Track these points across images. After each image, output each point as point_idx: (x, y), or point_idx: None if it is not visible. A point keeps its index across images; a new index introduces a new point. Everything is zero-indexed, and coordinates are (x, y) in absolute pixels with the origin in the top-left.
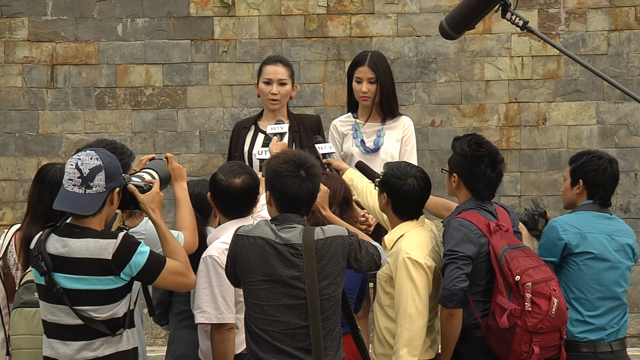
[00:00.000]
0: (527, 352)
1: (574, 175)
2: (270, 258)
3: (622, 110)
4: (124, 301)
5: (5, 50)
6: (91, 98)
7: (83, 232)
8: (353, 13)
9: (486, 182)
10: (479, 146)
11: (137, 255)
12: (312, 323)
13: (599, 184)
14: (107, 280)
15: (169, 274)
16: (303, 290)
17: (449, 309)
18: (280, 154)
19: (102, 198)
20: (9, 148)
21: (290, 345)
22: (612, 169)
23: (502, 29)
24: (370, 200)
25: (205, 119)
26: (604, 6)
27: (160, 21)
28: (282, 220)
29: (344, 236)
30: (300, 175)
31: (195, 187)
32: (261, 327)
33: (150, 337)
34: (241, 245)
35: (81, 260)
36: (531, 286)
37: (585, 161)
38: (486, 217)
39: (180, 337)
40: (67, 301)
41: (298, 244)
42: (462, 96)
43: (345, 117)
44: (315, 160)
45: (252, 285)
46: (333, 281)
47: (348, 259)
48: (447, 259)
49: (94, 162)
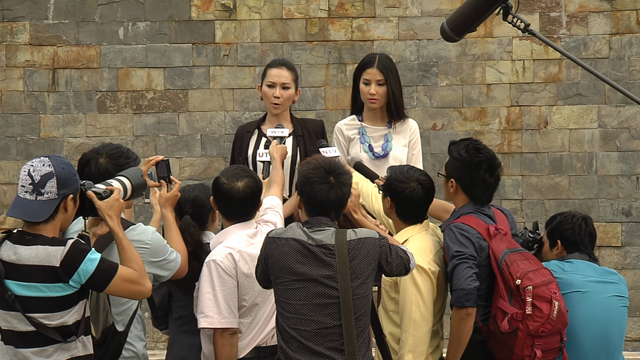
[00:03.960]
0: (530, 355)
1: (551, 237)
2: (304, 258)
3: (623, 113)
4: (76, 309)
5: (7, 54)
6: (92, 102)
7: (34, 239)
8: (354, 17)
9: (485, 187)
10: (477, 152)
11: (86, 262)
12: (345, 321)
13: (578, 241)
14: (56, 288)
15: (121, 282)
16: (336, 289)
17: (466, 308)
18: (311, 159)
19: (53, 205)
20: (11, 152)
21: (321, 345)
22: (587, 225)
23: (504, 32)
24: (375, 204)
25: (206, 122)
26: (606, 10)
27: (161, 25)
28: (314, 223)
29: (376, 238)
30: (329, 182)
31: (191, 192)
32: (293, 326)
33: (151, 341)
34: (273, 247)
35: (30, 267)
36: (532, 290)
37: (560, 222)
38: (485, 221)
39: (180, 342)
40: (19, 308)
41: (331, 244)
42: (463, 100)
43: (350, 119)
44: (345, 167)
45: (285, 285)
46: (364, 281)
47: (379, 260)
48: (456, 260)
49: (46, 168)
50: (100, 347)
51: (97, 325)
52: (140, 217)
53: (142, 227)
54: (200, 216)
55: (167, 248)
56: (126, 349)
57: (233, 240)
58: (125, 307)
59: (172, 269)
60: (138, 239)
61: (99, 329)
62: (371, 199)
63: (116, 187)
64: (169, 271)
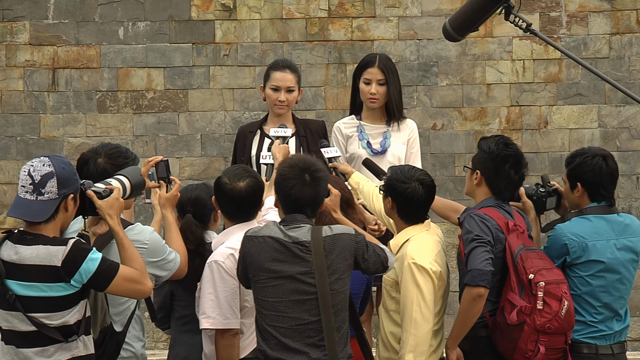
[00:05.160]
0: (533, 350)
1: (571, 179)
2: (280, 255)
3: (623, 113)
4: (77, 308)
5: (7, 54)
6: (93, 102)
7: (35, 239)
8: (354, 16)
9: (508, 182)
10: (506, 146)
11: (88, 262)
12: (324, 316)
13: (598, 184)
14: (57, 287)
15: (122, 281)
16: (313, 285)
17: (478, 288)
18: (288, 158)
19: (54, 205)
20: (11, 152)
21: (300, 342)
22: (607, 165)
23: (504, 32)
24: (376, 204)
25: (206, 122)
26: (606, 10)
27: (161, 25)
28: (290, 220)
29: (352, 234)
30: (305, 179)
31: (193, 191)
32: (271, 323)
33: (151, 340)
34: (250, 245)
35: (31, 267)
36: (544, 285)
37: (580, 163)
38: (505, 216)
39: (182, 341)
40: (20, 308)
41: (306, 241)
42: (463, 100)
43: (349, 119)
44: (321, 165)
45: (262, 283)
46: (341, 277)
47: (355, 257)
48: (475, 243)
49: (46, 168)
50: (98, 347)
51: (95, 325)
52: (140, 217)
53: (140, 227)
54: (202, 216)
55: (165, 248)
56: (124, 349)
57: (235, 241)
58: (124, 307)
59: (171, 269)
60: (136, 239)
61: (96, 329)
62: (372, 199)
63: (116, 187)
64: (168, 271)
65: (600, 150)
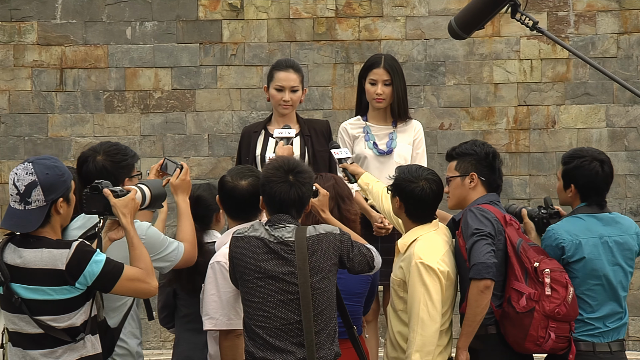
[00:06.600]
0: (544, 337)
1: (565, 178)
2: (265, 255)
3: (632, 113)
4: (83, 310)
5: (15, 54)
6: (100, 101)
7: (38, 241)
8: (362, 16)
9: (500, 176)
10: (484, 145)
11: (92, 265)
12: (304, 316)
13: (591, 189)
14: (62, 290)
15: (127, 282)
16: (296, 285)
17: (484, 280)
18: (272, 160)
19: (43, 212)
20: (19, 151)
21: (285, 341)
22: (603, 171)
23: (511, 31)
24: (385, 205)
25: (214, 122)
26: (614, 9)
27: (169, 25)
28: (275, 220)
29: (336, 234)
30: (289, 181)
31: (195, 191)
32: (258, 323)
33: (159, 340)
34: (237, 246)
35: (36, 270)
36: (550, 272)
37: (577, 166)
38: (501, 210)
39: (185, 340)
40: (26, 310)
41: (290, 240)
42: (471, 99)
43: (355, 119)
44: (305, 166)
45: (249, 283)
46: (325, 276)
47: (340, 256)
48: (476, 237)
49: (29, 177)
50: None
51: None
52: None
53: (138, 222)
54: (204, 216)
55: (165, 241)
56: (119, 345)
57: None
58: (120, 303)
59: (173, 259)
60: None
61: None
62: (381, 199)
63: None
64: (170, 262)
65: (599, 153)
